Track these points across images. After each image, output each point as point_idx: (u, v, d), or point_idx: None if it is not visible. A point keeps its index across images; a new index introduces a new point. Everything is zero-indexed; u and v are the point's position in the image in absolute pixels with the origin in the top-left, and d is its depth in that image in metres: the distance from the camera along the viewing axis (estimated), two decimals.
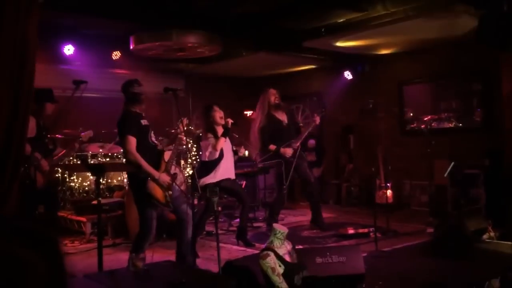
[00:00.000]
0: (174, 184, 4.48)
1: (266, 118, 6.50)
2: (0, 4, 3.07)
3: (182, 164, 7.47)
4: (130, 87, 4.45)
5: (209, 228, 6.66)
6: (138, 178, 4.34)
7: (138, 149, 4.29)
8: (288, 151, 6.38)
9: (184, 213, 4.45)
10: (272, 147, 6.37)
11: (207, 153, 5.62)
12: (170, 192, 4.41)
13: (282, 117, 6.63)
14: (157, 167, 4.38)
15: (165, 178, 4.36)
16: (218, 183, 5.52)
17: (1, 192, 2.99)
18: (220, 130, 5.65)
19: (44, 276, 0.84)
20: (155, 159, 4.42)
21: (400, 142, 8.68)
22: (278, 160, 6.37)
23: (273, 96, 6.61)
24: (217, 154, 5.59)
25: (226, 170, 5.68)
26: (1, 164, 3.00)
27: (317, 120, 6.60)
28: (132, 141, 4.26)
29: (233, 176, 5.83)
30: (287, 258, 3.58)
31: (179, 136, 4.57)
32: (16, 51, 3.29)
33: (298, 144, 6.47)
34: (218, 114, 5.68)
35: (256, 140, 6.50)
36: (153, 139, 4.48)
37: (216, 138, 5.59)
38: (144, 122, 4.44)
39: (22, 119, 3.20)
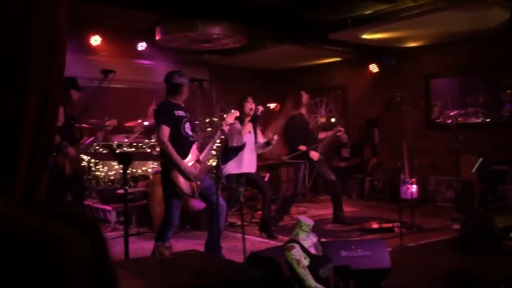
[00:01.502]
0: (206, 175, 4.50)
1: (296, 119, 6.54)
2: None
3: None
4: (171, 78, 4.51)
5: (231, 219, 6.69)
6: (166, 166, 4.38)
7: (170, 138, 4.35)
8: (316, 155, 6.45)
9: (216, 204, 4.46)
10: (303, 147, 6.39)
11: (234, 139, 5.65)
12: (199, 183, 4.43)
13: (309, 118, 6.70)
14: (184, 157, 4.41)
15: (191, 169, 4.38)
16: (241, 175, 5.55)
17: (31, 180, 3.02)
18: (246, 121, 5.70)
19: (89, 256, 0.84)
20: (185, 149, 4.45)
21: (426, 136, 8.55)
22: (303, 160, 6.39)
23: (306, 98, 6.63)
24: (243, 140, 5.60)
25: (248, 163, 5.71)
26: (31, 153, 3.04)
27: (342, 131, 6.75)
28: (165, 130, 4.34)
29: (254, 171, 5.84)
30: (313, 250, 3.56)
31: (224, 127, 4.59)
32: (46, 41, 3.30)
33: (321, 149, 6.59)
34: (249, 105, 5.72)
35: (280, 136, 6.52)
36: (187, 130, 4.49)
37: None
38: (178, 113, 4.46)
39: (52, 108, 3.22)
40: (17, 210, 0.89)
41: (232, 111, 4.93)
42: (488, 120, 7.95)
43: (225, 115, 5.00)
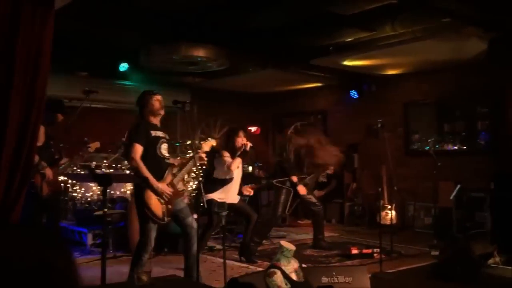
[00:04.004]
0: (180, 199, 4.44)
1: (299, 149, 6.60)
2: (16, 12, 3.07)
3: (185, 178, 7.45)
4: (145, 98, 4.47)
5: (211, 243, 6.61)
6: (139, 186, 4.34)
7: (145, 158, 4.30)
8: (303, 191, 6.48)
9: (190, 226, 4.42)
10: (294, 178, 6.43)
11: (220, 172, 5.65)
12: (170, 206, 4.37)
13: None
14: (160, 178, 4.36)
15: (165, 189, 4.32)
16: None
17: (10, 200, 2.96)
18: (237, 154, 5.72)
19: (72, 279, 0.85)
20: (160, 170, 4.40)
21: (405, 162, 8.65)
22: (288, 188, 6.40)
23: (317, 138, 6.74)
24: (232, 174, 5.65)
25: (233, 195, 5.75)
26: (10, 172, 2.98)
27: (331, 170, 6.82)
28: (138, 148, 4.28)
29: (237, 201, 5.85)
30: (294, 276, 3.53)
31: (200, 154, 4.55)
32: (30, 60, 3.28)
33: (308, 181, 6.62)
34: (241, 140, 5.73)
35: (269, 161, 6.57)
36: (163, 151, 4.44)
37: (233, 158, 5.63)
38: (155, 133, 4.42)
39: (33, 128, 3.18)
40: None
41: (209, 139, 4.92)
42: (464, 147, 8.10)
43: (201, 142, 4.99)
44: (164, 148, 4.45)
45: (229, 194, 5.65)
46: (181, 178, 4.50)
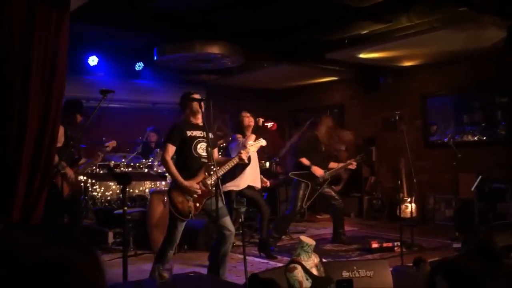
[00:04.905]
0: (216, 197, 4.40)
1: (308, 136, 6.58)
2: (32, 15, 3.10)
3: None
4: (184, 98, 4.51)
5: None
6: (170, 185, 4.47)
7: (180, 157, 4.41)
8: (320, 172, 6.36)
9: (224, 228, 4.38)
10: (306, 161, 6.34)
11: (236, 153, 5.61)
12: (198, 205, 4.37)
13: (325, 142, 6.70)
14: (191, 176, 4.38)
15: (191, 184, 4.31)
16: (241, 191, 5.53)
17: (31, 200, 2.99)
18: (248, 134, 5.64)
19: (92, 281, 0.83)
20: (193, 169, 4.42)
21: (424, 155, 8.55)
22: (306, 181, 6.35)
23: (326, 123, 6.69)
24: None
25: (250, 177, 5.68)
26: (31, 173, 3.01)
27: (354, 165, 6.65)
28: (169, 148, 4.37)
29: (258, 185, 5.80)
30: (314, 271, 3.51)
31: (242, 154, 4.50)
32: (47, 61, 3.31)
33: (328, 177, 6.52)
34: (248, 119, 5.71)
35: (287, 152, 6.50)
36: (199, 150, 4.44)
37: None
38: (191, 133, 4.43)
39: (52, 128, 3.21)
40: (18, 235, 0.87)
41: (260, 139, 4.86)
42: (484, 138, 7.98)
43: (247, 143, 4.90)
44: (201, 148, 4.43)
45: (247, 180, 5.61)
46: (218, 177, 4.39)
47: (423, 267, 2.98)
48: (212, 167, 4.36)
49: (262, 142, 4.85)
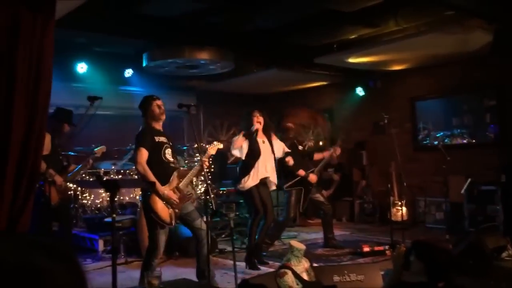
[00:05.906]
0: (188, 202, 4.43)
1: (291, 146, 6.49)
2: (16, 20, 3.08)
3: (194, 181, 7.43)
4: (146, 103, 4.47)
5: (221, 245, 6.59)
6: (145, 192, 4.36)
7: (150, 163, 4.31)
8: (315, 178, 6.39)
9: (199, 228, 4.40)
10: (301, 172, 6.33)
11: (243, 151, 5.60)
12: (177, 210, 4.36)
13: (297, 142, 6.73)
14: (165, 183, 4.36)
15: (170, 194, 4.31)
16: (257, 185, 5.56)
17: (16, 208, 2.95)
18: (259, 132, 5.74)
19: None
20: (166, 175, 4.40)
21: (414, 158, 8.59)
22: (300, 187, 6.35)
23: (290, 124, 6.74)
24: (243, 152, 5.58)
25: (266, 169, 5.64)
26: (16, 180, 2.97)
27: (338, 149, 6.63)
28: (143, 153, 4.30)
29: (274, 179, 5.74)
30: (305, 276, 3.51)
31: (204, 159, 4.50)
32: (32, 68, 3.28)
33: (317, 172, 6.51)
34: (256, 119, 5.74)
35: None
36: (168, 156, 4.45)
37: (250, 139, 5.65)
38: (159, 138, 4.43)
39: (37, 135, 3.18)
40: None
41: (215, 142, 4.87)
42: (473, 141, 8.03)
43: (208, 146, 4.95)
44: (168, 153, 4.46)
45: (260, 170, 5.59)
46: (188, 182, 4.48)
47: (398, 249, 3.03)
48: (202, 172, 4.39)
49: (219, 145, 4.87)
